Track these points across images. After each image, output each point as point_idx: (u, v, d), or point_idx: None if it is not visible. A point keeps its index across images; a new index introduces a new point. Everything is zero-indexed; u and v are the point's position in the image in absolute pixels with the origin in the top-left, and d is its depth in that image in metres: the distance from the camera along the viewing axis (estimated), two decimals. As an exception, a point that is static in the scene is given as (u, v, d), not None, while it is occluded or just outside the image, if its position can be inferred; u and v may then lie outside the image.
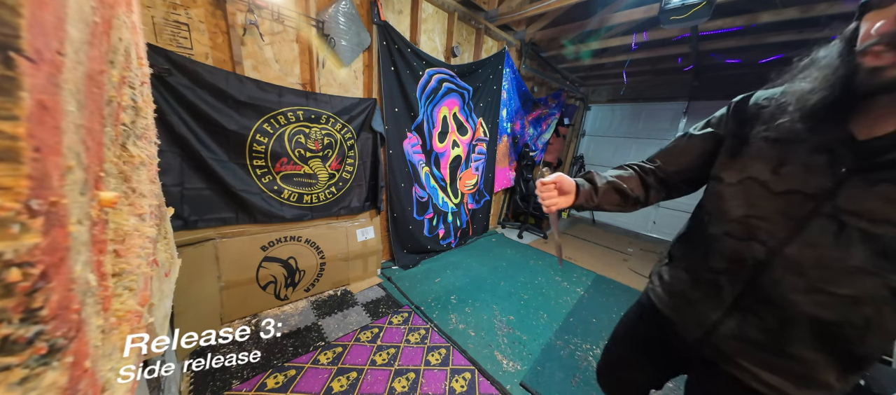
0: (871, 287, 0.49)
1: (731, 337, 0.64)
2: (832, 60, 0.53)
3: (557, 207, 0.83)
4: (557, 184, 0.82)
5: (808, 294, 0.54)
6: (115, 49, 0.59)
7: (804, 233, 0.55)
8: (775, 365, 0.59)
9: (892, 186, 0.47)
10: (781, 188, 0.58)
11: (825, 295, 0.53)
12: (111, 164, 0.56)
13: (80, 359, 0.37)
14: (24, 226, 0.27)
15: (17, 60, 0.25)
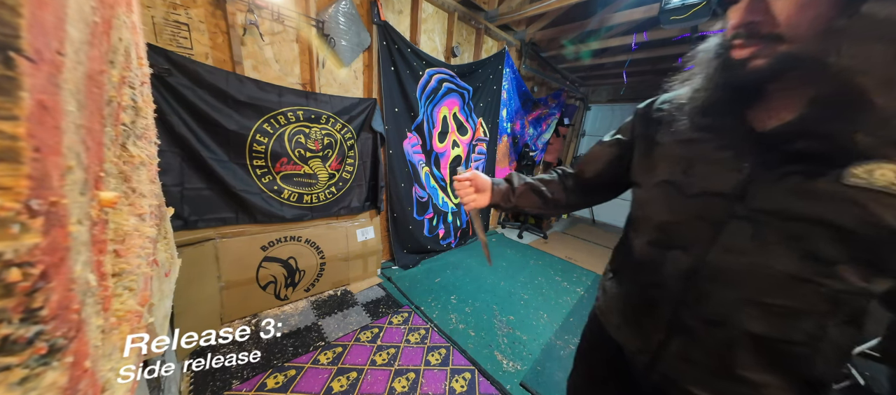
0: (806, 296, 0.44)
1: (679, 360, 0.58)
2: (710, 58, 0.51)
3: (476, 204, 0.84)
4: (472, 181, 0.83)
5: (741, 308, 0.49)
6: (115, 49, 0.59)
7: (722, 238, 0.50)
8: (728, 391, 0.53)
9: (801, 178, 0.42)
10: (694, 190, 0.54)
11: (759, 308, 0.48)
12: (111, 164, 0.56)
13: (80, 359, 0.37)
14: (24, 226, 0.27)
15: (17, 60, 0.25)
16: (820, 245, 0.41)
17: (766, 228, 0.46)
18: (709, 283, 0.52)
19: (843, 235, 0.40)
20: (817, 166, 0.41)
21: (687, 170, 0.55)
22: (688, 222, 0.55)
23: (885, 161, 0.36)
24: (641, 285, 0.64)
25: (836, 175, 0.40)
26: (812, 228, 0.42)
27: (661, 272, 0.59)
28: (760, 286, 0.47)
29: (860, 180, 0.38)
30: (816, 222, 0.41)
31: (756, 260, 0.47)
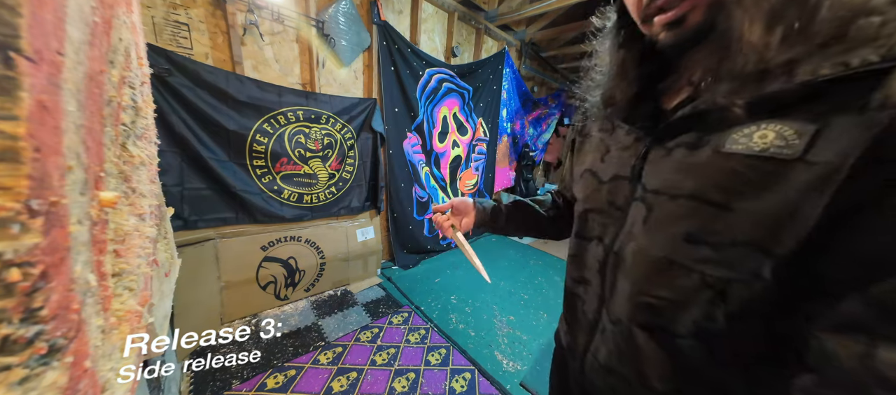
0: (689, 285, 0.39)
1: (602, 370, 0.52)
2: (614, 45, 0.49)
3: (461, 229, 0.81)
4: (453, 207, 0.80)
5: (632, 301, 0.45)
6: (115, 49, 0.59)
7: (626, 224, 0.46)
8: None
9: (684, 152, 0.39)
10: (608, 175, 0.51)
11: (644, 300, 0.43)
12: (111, 164, 0.56)
13: (80, 359, 0.37)
14: (24, 226, 0.27)
15: (17, 60, 0.25)
16: (702, 225, 0.37)
17: (656, 209, 0.42)
18: (617, 275, 0.48)
19: (722, 210, 0.35)
20: (700, 136, 0.38)
21: (604, 156, 0.53)
22: (602, 208, 0.52)
23: (767, 121, 0.32)
24: (573, 280, 0.60)
25: (717, 143, 0.36)
26: (695, 205, 0.37)
27: (584, 266, 0.55)
28: (644, 275, 0.43)
29: (739, 146, 0.34)
30: (696, 198, 0.37)
31: (641, 245, 0.44)
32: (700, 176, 0.37)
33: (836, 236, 0.30)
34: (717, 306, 0.37)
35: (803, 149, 0.30)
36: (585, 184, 0.57)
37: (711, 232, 0.36)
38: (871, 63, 0.27)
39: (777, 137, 0.32)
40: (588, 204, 0.56)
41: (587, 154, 0.59)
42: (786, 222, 0.31)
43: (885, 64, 0.26)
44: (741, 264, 0.35)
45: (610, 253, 0.49)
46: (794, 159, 0.30)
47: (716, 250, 0.36)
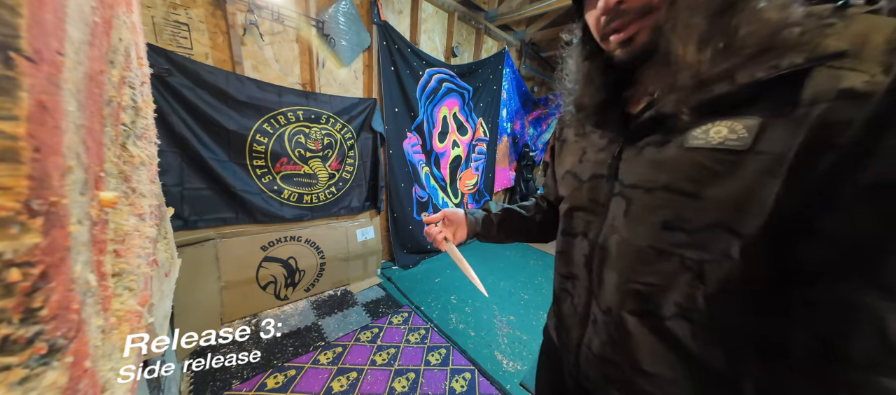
0: (668, 269, 0.43)
1: (596, 360, 0.55)
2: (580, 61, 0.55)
3: (456, 240, 0.81)
4: (444, 220, 0.81)
5: (619, 289, 0.49)
6: (115, 49, 0.59)
7: (607, 218, 0.51)
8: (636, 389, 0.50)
9: (653, 148, 0.44)
10: (587, 175, 0.56)
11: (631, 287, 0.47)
12: (111, 164, 0.56)
13: (80, 359, 0.37)
14: (24, 226, 0.27)
15: (17, 60, 0.25)
16: (676, 213, 0.42)
17: (635, 203, 0.46)
18: (603, 267, 0.52)
19: (692, 198, 0.40)
20: (665, 136, 0.43)
21: (581, 158, 0.58)
22: (584, 206, 0.56)
23: (720, 119, 0.37)
24: (561, 276, 0.63)
25: (680, 141, 0.41)
26: (669, 196, 0.42)
27: (571, 261, 0.59)
28: (630, 264, 0.47)
29: (700, 141, 0.39)
30: (669, 189, 0.42)
31: (625, 236, 0.48)
32: (670, 170, 0.42)
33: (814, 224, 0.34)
34: (697, 287, 0.41)
35: (752, 141, 0.35)
36: (567, 185, 0.61)
37: (685, 219, 0.41)
38: (798, 65, 0.32)
39: (730, 132, 0.37)
40: (572, 202, 0.60)
41: (566, 157, 0.64)
42: (745, 204, 0.36)
43: (809, 64, 0.32)
44: (712, 244, 0.39)
45: (595, 247, 0.53)
46: (746, 150, 0.35)
47: (690, 234, 0.41)
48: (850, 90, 0.30)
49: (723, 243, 0.38)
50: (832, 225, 0.33)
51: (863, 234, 0.31)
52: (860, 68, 0.30)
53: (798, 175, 0.33)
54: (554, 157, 0.72)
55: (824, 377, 0.34)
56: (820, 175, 0.32)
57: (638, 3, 0.40)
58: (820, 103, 0.31)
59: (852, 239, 0.32)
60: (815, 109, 0.32)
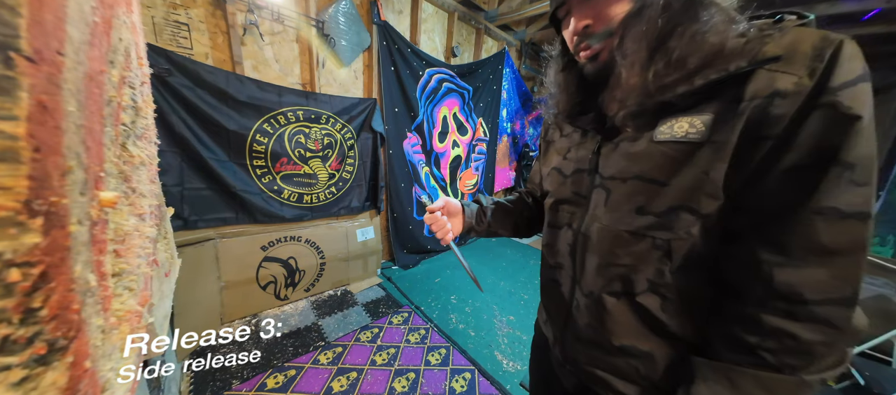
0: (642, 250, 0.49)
1: (580, 343, 0.59)
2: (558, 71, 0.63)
3: (455, 234, 0.80)
4: (445, 209, 0.79)
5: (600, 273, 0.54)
6: (115, 49, 0.59)
7: (589, 208, 0.56)
8: (618, 367, 0.55)
9: (627, 143, 0.50)
10: (570, 170, 0.62)
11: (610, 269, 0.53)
12: (111, 164, 0.56)
13: (80, 359, 0.37)
14: (24, 226, 0.27)
15: (17, 60, 0.25)
16: (647, 199, 0.48)
17: (613, 192, 0.52)
18: (586, 254, 0.57)
19: (660, 185, 0.46)
20: (638, 131, 0.49)
21: (566, 156, 0.64)
22: (569, 198, 0.62)
23: (682, 115, 0.44)
24: (548, 267, 0.68)
25: (650, 136, 0.47)
26: (641, 184, 0.48)
27: (557, 252, 0.64)
28: (609, 248, 0.53)
29: (666, 136, 0.45)
30: (641, 178, 0.48)
31: (605, 223, 0.53)
32: (642, 161, 0.48)
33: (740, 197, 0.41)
34: (665, 263, 0.47)
35: (708, 133, 0.42)
36: (552, 180, 0.67)
37: (654, 203, 0.47)
38: (743, 67, 0.39)
39: (690, 126, 0.43)
40: (557, 196, 0.65)
41: (552, 156, 0.70)
42: (702, 186, 0.43)
43: (752, 67, 0.39)
44: (676, 224, 0.45)
45: (578, 235, 0.58)
46: (703, 142, 0.42)
47: (658, 216, 0.47)
48: (782, 91, 0.37)
49: (685, 222, 0.45)
50: (752, 198, 0.40)
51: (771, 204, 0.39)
52: (790, 71, 0.37)
53: (738, 159, 0.40)
54: (542, 155, 0.78)
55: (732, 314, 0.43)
56: (755, 160, 0.39)
57: (601, 28, 0.49)
58: (757, 99, 0.39)
59: (762, 208, 0.40)
60: (753, 103, 0.39)
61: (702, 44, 0.41)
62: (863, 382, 1.52)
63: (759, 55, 0.39)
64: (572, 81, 0.60)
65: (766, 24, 0.42)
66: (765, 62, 0.38)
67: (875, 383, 1.50)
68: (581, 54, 0.53)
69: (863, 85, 0.35)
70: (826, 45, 0.36)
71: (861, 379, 1.54)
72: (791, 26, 0.40)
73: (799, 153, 0.37)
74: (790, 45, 0.38)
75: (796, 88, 0.36)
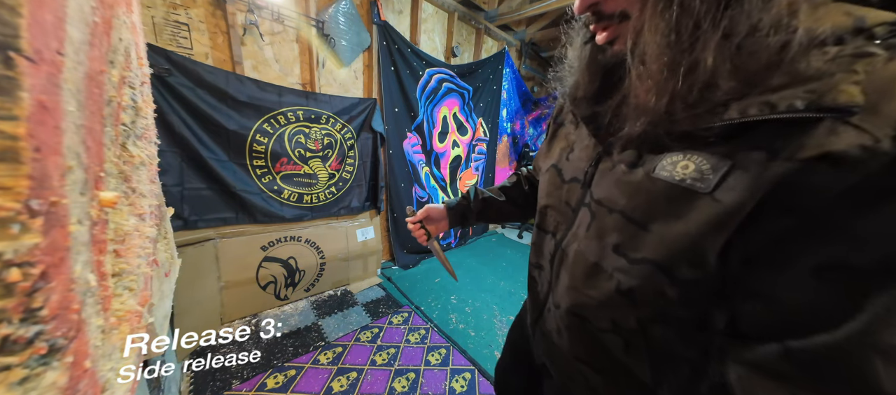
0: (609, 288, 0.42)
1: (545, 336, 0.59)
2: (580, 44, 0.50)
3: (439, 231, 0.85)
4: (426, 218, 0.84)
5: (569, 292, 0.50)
6: (115, 49, 0.59)
7: (574, 226, 0.50)
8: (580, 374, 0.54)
9: (624, 167, 0.41)
10: (568, 176, 0.54)
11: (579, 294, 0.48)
12: (111, 164, 0.56)
13: (80, 359, 0.37)
14: (24, 226, 0.27)
15: (17, 60, 0.25)
16: (625, 239, 0.40)
17: (597, 218, 0.45)
18: (561, 268, 0.52)
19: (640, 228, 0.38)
20: (639, 156, 0.40)
21: (569, 154, 0.55)
22: (558, 206, 0.56)
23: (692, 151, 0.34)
24: (532, 265, 0.66)
25: (649, 166, 0.37)
26: (623, 221, 0.40)
27: (541, 254, 0.61)
28: (579, 274, 0.47)
29: (665, 173, 0.35)
30: (624, 215, 0.40)
31: (581, 248, 0.47)
32: (631, 196, 0.40)
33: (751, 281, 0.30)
34: (630, 309, 0.41)
35: (714, 185, 0.31)
36: (549, 180, 0.60)
37: (630, 247, 0.39)
38: (797, 111, 0.26)
39: (695, 169, 0.33)
40: (549, 200, 0.59)
41: (556, 146, 0.61)
42: (685, 249, 0.33)
43: (810, 114, 0.25)
44: (646, 279, 0.37)
45: (559, 248, 0.54)
46: (705, 194, 0.32)
47: (630, 262, 0.39)
48: (843, 154, 0.24)
49: (656, 279, 0.36)
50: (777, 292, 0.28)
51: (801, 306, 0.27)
52: (865, 127, 0.24)
53: (746, 235, 0.29)
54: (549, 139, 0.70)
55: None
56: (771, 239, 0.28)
57: (614, 8, 0.37)
58: (794, 162, 0.26)
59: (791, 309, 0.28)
60: (790, 165, 0.26)
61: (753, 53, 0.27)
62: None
63: (828, 96, 0.25)
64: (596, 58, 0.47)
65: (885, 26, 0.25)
66: (834, 112, 0.24)
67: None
68: (597, 38, 0.42)
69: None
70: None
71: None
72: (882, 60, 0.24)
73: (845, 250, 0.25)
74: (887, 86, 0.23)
75: (865, 153, 0.23)
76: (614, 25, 0.38)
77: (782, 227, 0.27)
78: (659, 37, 0.31)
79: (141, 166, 0.74)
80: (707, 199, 0.31)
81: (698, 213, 0.32)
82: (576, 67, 0.51)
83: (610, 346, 0.45)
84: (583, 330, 0.49)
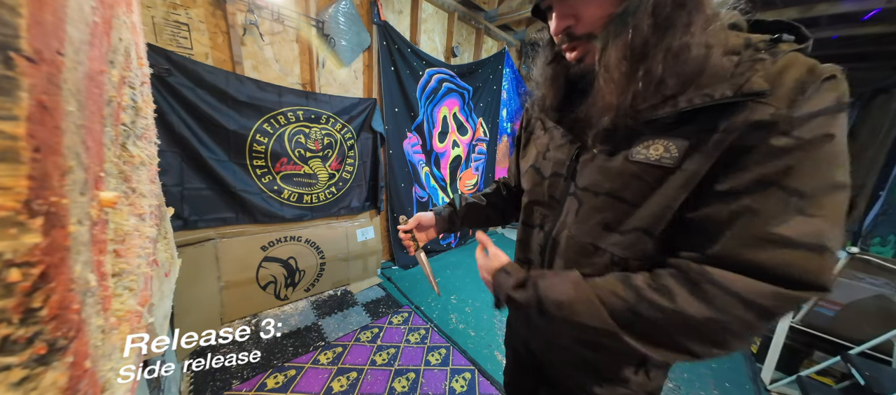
0: (602, 262, 0.50)
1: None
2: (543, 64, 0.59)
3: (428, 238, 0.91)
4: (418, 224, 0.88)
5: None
6: (115, 49, 0.59)
7: (562, 215, 0.57)
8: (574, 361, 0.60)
9: (604, 156, 0.50)
10: (548, 172, 0.61)
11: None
12: (111, 164, 0.56)
13: (80, 359, 0.37)
14: (24, 226, 0.27)
15: (17, 60, 0.25)
16: (614, 216, 0.48)
17: (585, 203, 0.52)
18: (554, 256, 0.58)
19: (629, 205, 0.46)
20: (615, 146, 0.48)
21: (545, 154, 0.63)
22: (542, 201, 0.62)
23: (660, 137, 0.43)
24: (519, 261, 0.69)
25: (626, 153, 0.46)
26: (611, 201, 0.48)
27: (528, 249, 0.65)
28: (573, 256, 0.54)
29: (641, 156, 0.45)
30: (612, 195, 0.48)
31: (573, 232, 0.54)
32: (615, 179, 0.48)
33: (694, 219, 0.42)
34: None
35: (680, 159, 0.41)
36: (530, 179, 0.66)
37: (620, 222, 0.48)
38: (727, 97, 0.38)
39: (665, 150, 0.43)
40: (532, 197, 0.65)
41: (531, 151, 0.69)
42: (664, 212, 0.43)
43: (736, 99, 0.37)
44: (636, 245, 0.47)
45: (549, 238, 0.59)
46: (675, 168, 0.42)
47: (622, 235, 0.48)
48: (759, 122, 0.36)
49: (643, 243, 0.46)
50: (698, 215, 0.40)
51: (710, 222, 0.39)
52: (771, 103, 0.36)
53: (700, 188, 0.40)
54: (519, 146, 0.77)
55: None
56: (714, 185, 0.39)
57: (583, 30, 0.46)
58: (734, 132, 0.37)
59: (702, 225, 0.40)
60: (729, 137, 0.38)
61: (686, 61, 0.39)
62: (863, 382, 1.52)
63: (745, 86, 0.37)
64: (560, 75, 0.57)
65: (763, 42, 0.39)
66: (751, 96, 0.37)
67: (875, 383, 1.49)
68: (567, 55, 0.51)
69: (823, 118, 0.34)
70: (811, 79, 0.35)
71: (861, 379, 1.54)
72: (785, 51, 0.38)
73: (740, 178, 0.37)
74: (777, 76, 0.36)
75: (772, 118, 0.35)
76: (583, 44, 0.47)
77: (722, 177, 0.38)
78: (619, 52, 0.41)
79: (141, 166, 0.74)
80: (676, 171, 0.42)
81: (670, 183, 0.42)
82: (541, 83, 0.61)
83: None
84: None
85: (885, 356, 1.70)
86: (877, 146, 3.36)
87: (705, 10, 0.39)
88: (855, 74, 3.79)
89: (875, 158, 3.36)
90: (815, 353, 1.89)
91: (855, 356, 1.69)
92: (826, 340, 1.84)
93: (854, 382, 1.61)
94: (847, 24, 2.55)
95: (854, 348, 1.72)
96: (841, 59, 2.66)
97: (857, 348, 1.71)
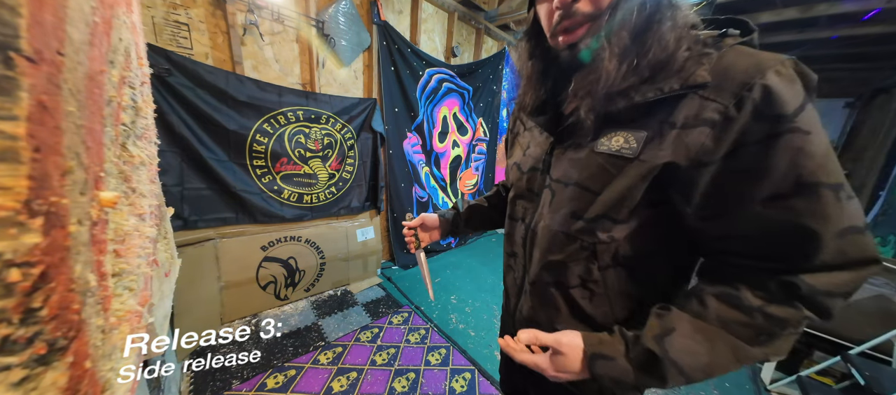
0: (571, 250, 0.53)
1: (525, 321, 0.64)
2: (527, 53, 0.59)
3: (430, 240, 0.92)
4: (423, 224, 0.90)
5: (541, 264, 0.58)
6: (115, 49, 0.59)
7: (539, 207, 0.59)
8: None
9: (573, 150, 0.53)
10: (527, 167, 0.63)
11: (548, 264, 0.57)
12: (111, 164, 0.56)
13: (80, 359, 0.37)
14: (24, 226, 0.27)
15: (17, 60, 0.25)
16: (580, 205, 0.51)
17: (557, 194, 0.55)
18: (533, 247, 0.60)
19: (593, 194, 0.49)
20: (582, 140, 0.51)
21: (526, 151, 0.66)
22: (523, 194, 0.64)
23: (620, 129, 0.46)
24: (507, 255, 0.72)
25: (592, 145, 0.49)
26: (578, 191, 0.51)
27: (514, 242, 0.67)
28: (548, 245, 0.56)
29: (604, 147, 0.48)
30: (579, 185, 0.51)
31: (547, 222, 0.57)
32: (582, 169, 0.51)
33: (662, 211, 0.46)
34: (592, 262, 0.52)
35: (639, 150, 0.44)
36: (513, 175, 0.69)
37: (585, 210, 0.51)
38: (675, 90, 0.40)
39: (625, 142, 0.46)
40: (516, 191, 0.68)
41: (516, 150, 0.71)
42: (624, 199, 0.46)
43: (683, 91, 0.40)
44: (601, 230, 0.50)
45: (529, 230, 0.62)
46: (633, 158, 0.45)
47: (587, 222, 0.51)
48: (709, 120, 0.38)
49: (606, 227, 0.49)
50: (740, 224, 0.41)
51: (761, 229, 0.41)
52: (718, 100, 0.38)
53: (657, 180, 0.43)
54: (508, 148, 0.80)
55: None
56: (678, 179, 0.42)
57: (589, 8, 0.45)
58: (687, 128, 0.40)
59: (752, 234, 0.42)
60: (683, 133, 0.40)
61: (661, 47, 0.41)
62: (863, 382, 1.52)
63: (690, 79, 0.39)
64: (540, 73, 0.58)
65: (711, 37, 0.41)
66: (694, 88, 0.39)
67: (875, 383, 1.49)
68: (560, 38, 0.49)
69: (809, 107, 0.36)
70: (755, 74, 0.36)
71: (861, 379, 1.54)
72: (730, 45, 0.40)
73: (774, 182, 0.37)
74: (722, 71, 0.38)
75: (723, 118, 0.37)
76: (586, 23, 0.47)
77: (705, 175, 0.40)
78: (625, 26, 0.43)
79: (141, 166, 0.74)
80: (635, 161, 0.45)
81: (630, 171, 0.45)
82: (521, 81, 0.63)
83: (580, 301, 0.55)
84: (558, 294, 0.57)
85: (885, 356, 1.70)
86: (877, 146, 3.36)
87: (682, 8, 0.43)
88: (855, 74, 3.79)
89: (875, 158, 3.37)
90: (815, 353, 1.89)
91: (855, 356, 1.69)
92: (826, 340, 1.83)
93: (854, 382, 1.61)
94: (847, 24, 2.55)
95: (854, 348, 1.72)
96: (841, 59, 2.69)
97: (857, 348, 1.71)
